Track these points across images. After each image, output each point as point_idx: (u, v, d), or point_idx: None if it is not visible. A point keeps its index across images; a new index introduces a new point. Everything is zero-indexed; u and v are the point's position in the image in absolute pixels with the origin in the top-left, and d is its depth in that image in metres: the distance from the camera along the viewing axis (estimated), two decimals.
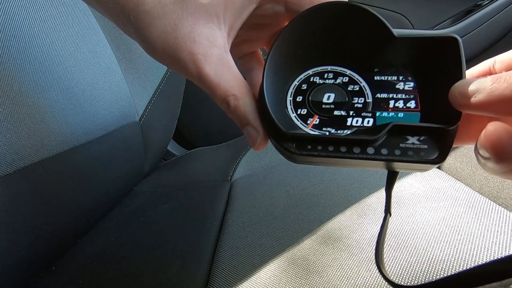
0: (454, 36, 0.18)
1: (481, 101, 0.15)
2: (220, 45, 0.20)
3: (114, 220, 0.51)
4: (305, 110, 0.21)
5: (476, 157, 0.15)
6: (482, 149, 0.14)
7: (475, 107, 0.15)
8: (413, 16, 0.86)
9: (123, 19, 0.20)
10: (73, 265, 0.41)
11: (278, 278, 0.32)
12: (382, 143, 0.18)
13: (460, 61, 0.18)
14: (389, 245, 0.31)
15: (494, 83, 0.15)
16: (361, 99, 0.21)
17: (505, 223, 0.31)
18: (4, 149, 0.34)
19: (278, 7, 0.22)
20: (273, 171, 0.54)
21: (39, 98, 0.38)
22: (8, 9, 0.36)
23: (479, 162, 0.15)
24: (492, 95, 0.14)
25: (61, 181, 0.42)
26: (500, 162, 0.14)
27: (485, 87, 0.15)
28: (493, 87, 0.14)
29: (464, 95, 0.16)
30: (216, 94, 0.20)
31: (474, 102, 0.15)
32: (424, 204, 0.35)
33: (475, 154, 0.16)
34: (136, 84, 0.60)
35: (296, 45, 0.22)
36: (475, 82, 0.15)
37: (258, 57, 0.27)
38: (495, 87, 0.14)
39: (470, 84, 0.16)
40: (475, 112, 0.16)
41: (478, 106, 0.15)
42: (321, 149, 0.19)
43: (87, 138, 0.45)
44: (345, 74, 0.22)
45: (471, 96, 0.15)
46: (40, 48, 0.40)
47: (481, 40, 0.75)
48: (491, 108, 0.15)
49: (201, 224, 0.44)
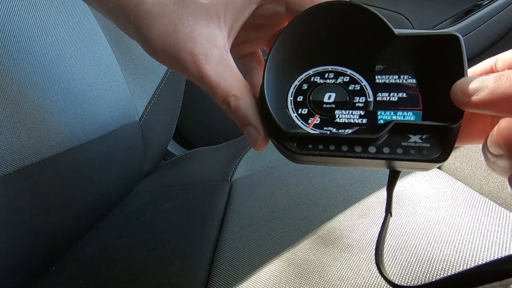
0: (455, 34, 0.18)
1: (483, 99, 0.15)
2: (220, 45, 0.20)
3: (114, 220, 0.51)
4: (306, 110, 0.21)
5: (484, 156, 0.15)
6: (494, 146, 0.14)
7: (477, 106, 0.15)
8: (413, 16, 0.86)
9: (123, 19, 0.20)
10: (73, 265, 0.41)
11: (278, 278, 0.32)
12: (384, 142, 0.18)
13: (462, 59, 0.18)
14: (389, 245, 0.31)
15: (497, 82, 0.14)
16: (362, 98, 0.21)
17: (505, 223, 0.31)
18: (4, 149, 0.34)
19: (278, 7, 0.22)
20: (273, 171, 0.54)
21: (39, 98, 0.38)
22: (8, 9, 0.36)
23: (488, 161, 0.15)
24: (495, 94, 0.14)
25: (61, 181, 0.42)
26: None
27: (487, 85, 0.15)
28: (496, 85, 0.14)
29: (466, 93, 0.16)
30: (216, 94, 0.20)
31: (476, 100, 0.15)
32: (424, 204, 0.35)
33: (484, 153, 0.15)
34: (136, 84, 0.60)
35: (296, 45, 0.22)
36: (477, 80, 0.15)
37: (259, 57, 0.27)
38: (498, 85, 0.14)
39: (472, 82, 0.15)
40: (477, 110, 0.15)
41: (480, 105, 0.15)
42: (322, 148, 0.19)
43: (87, 138, 0.45)
44: (346, 74, 0.22)
45: (473, 94, 0.15)
46: (40, 48, 0.40)
47: (481, 40, 0.75)
48: (493, 106, 0.15)
49: (201, 224, 0.44)
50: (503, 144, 0.14)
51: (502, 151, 0.14)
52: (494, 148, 0.14)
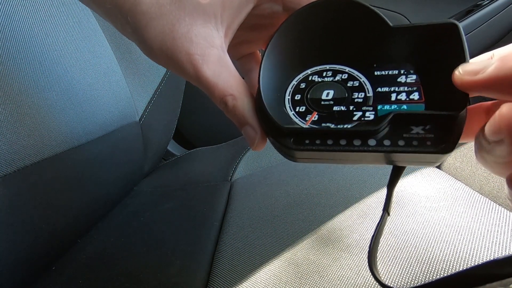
0: (454, 22, 0.18)
1: (489, 76, 0.14)
2: (217, 45, 0.20)
3: (114, 220, 0.51)
4: (304, 108, 0.20)
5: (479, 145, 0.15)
6: (495, 132, 0.14)
7: (482, 85, 0.14)
8: (413, 16, 0.86)
9: (121, 20, 0.20)
10: (73, 265, 0.41)
11: (278, 278, 0.32)
12: (385, 135, 0.17)
13: (462, 47, 0.17)
14: (389, 245, 0.31)
15: (502, 61, 0.14)
16: (361, 94, 0.20)
17: (505, 223, 0.31)
18: (4, 149, 0.34)
19: (276, 6, 0.22)
20: (273, 171, 0.54)
21: (39, 98, 0.38)
22: (8, 9, 0.36)
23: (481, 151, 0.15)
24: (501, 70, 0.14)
25: (61, 181, 0.42)
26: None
27: (492, 64, 0.14)
28: (501, 63, 0.14)
29: (470, 73, 0.15)
30: (214, 94, 0.20)
31: (481, 78, 0.14)
32: (424, 204, 0.35)
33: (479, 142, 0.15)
34: (136, 84, 0.60)
35: (293, 43, 0.21)
36: (480, 62, 0.15)
37: (257, 58, 0.27)
38: (503, 63, 0.14)
39: (475, 63, 0.15)
40: (481, 92, 0.15)
41: (485, 83, 0.14)
42: (319, 143, 0.18)
43: (87, 138, 0.45)
44: (344, 71, 0.21)
45: (477, 74, 0.15)
46: (40, 48, 0.40)
47: (481, 40, 0.75)
48: (498, 86, 0.14)
49: (201, 224, 0.44)
50: (505, 127, 0.13)
51: (503, 136, 0.13)
52: (494, 134, 0.14)
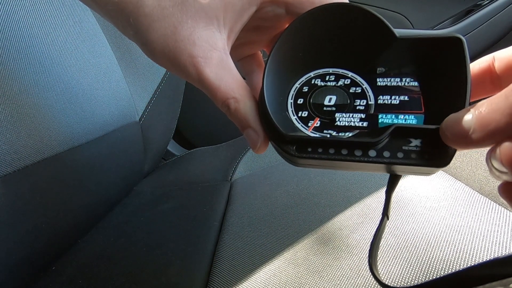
0: (458, 37, 0.18)
1: (477, 141, 0.14)
2: (220, 48, 0.20)
3: (114, 220, 0.51)
4: (306, 113, 0.21)
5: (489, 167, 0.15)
6: (498, 164, 0.14)
7: (476, 144, 0.15)
8: (413, 16, 0.86)
9: (123, 21, 0.20)
10: (73, 265, 0.41)
11: (278, 278, 0.32)
12: (384, 146, 0.18)
13: (465, 62, 0.17)
14: (389, 245, 0.31)
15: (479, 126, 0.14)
16: (363, 101, 0.20)
17: (505, 223, 0.31)
18: (4, 149, 0.34)
19: (279, 9, 0.22)
20: (273, 171, 0.54)
21: (39, 98, 0.38)
22: (8, 9, 0.36)
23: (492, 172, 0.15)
24: (483, 132, 0.14)
25: (61, 181, 0.42)
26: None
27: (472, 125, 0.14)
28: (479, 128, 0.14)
29: (458, 138, 0.15)
30: (216, 97, 0.20)
31: (470, 145, 0.15)
32: (424, 204, 0.35)
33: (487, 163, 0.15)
34: (136, 84, 0.60)
35: (297, 47, 0.21)
36: (466, 121, 0.15)
37: (259, 60, 0.27)
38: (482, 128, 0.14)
39: (461, 120, 0.15)
40: (476, 147, 0.15)
41: (479, 142, 0.14)
42: (321, 152, 0.18)
43: (87, 138, 0.45)
44: (347, 76, 0.21)
45: (465, 137, 0.15)
46: (40, 48, 0.40)
47: (481, 40, 0.75)
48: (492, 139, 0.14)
49: (201, 224, 0.44)
50: (507, 164, 0.13)
51: (507, 170, 0.14)
52: (498, 165, 0.14)
